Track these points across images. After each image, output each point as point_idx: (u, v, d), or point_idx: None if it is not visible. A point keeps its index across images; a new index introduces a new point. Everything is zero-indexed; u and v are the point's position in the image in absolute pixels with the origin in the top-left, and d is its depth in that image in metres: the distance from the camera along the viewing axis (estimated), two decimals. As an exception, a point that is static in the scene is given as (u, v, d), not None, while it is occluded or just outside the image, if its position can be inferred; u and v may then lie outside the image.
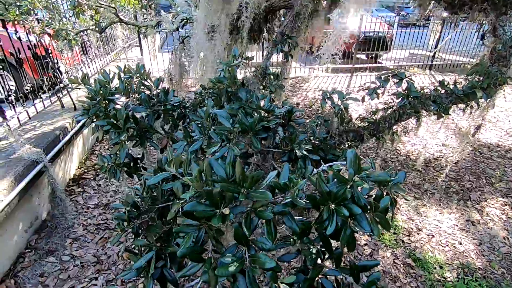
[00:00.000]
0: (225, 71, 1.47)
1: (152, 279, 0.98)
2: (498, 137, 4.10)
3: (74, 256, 2.01)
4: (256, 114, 1.33)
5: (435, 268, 2.04)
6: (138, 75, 1.67)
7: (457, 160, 3.44)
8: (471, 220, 2.50)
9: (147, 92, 1.70)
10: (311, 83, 6.21)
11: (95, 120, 1.51)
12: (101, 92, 1.48)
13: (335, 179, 0.83)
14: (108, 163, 1.50)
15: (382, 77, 2.14)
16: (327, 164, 1.04)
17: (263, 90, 1.97)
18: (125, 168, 1.57)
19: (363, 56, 8.26)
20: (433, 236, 2.33)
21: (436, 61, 7.70)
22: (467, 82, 2.23)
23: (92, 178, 2.86)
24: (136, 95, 1.67)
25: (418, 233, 2.35)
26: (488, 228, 2.42)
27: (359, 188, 0.80)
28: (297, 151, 1.25)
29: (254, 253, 0.74)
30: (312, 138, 1.72)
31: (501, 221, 2.49)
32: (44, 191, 2.30)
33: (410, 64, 7.60)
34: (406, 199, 0.93)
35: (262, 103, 1.47)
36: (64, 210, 2.25)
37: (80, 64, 3.90)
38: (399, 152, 3.65)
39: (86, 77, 1.52)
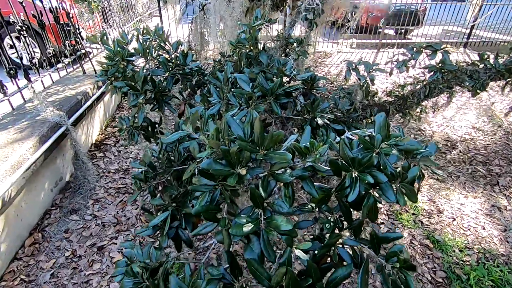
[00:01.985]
0: (246, 33, 1.39)
1: (167, 237, 0.99)
2: (535, 121, 3.80)
3: (95, 216, 2.10)
4: (276, 80, 1.27)
5: (454, 251, 1.97)
6: (156, 37, 1.62)
7: (487, 144, 3.24)
8: (498, 205, 2.37)
9: (166, 55, 1.66)
10: (334, 58, 5.94)
11: (114, 81, 1.50)
12: (120, 52, 1.45)
13: (361, 145, 0.77)
14: (127, 125, 1.51)
15: (414, 48, 1.98)
16: (352, 132, 0.97)
17: (285, 58, 1.88)
18: (143, 132, 1.57)
19: (391, 32, 7.77)
20: (455, 219, 2.24)
21: (472, 38, 7.10)
22: (511, 56, 2.02)
23: (112, 144, 2.93)
24: (154, 59, 1.63)
25: (438, 216, 2.27)
26: (516, 214, 2.29)
27: (386, 156, 0.74)
28: (318, 119, 1.19)
29: (270, 216, 0.71)
30: (334, 109, 1.64)
31: (531, 208, 2.36)
32: (67, 154, 2.38)
33: (443, 41, 7.06)
34: (435, 173, 0.86)
35: (283, 68, 1.40)
36: (86, 172, 2.33)
37: (101, 32, 3.89)
38: (424, 132, 3.47)
39: (105, 37, 1.50)
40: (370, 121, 2.08)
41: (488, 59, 1.99)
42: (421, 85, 2.04)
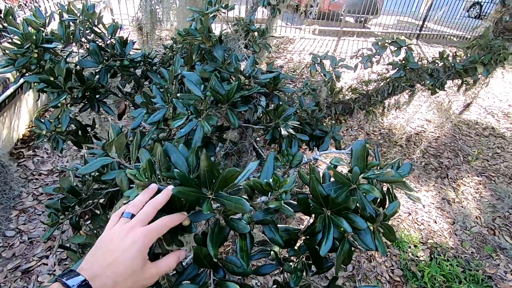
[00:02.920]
0: (197, 22, 1.16)
1: None
2: (477, 114, 4.11)
3: (20, 230, 1.76)
4: (234, 80, 1.07)
5: (409, 247, 2.03)
6: (86, 18, 1.30)
7: (438, 136, 3.41)
8: (447, 198, 2.50)
9: (100, 42, 1.35)
10: (296, 45, 5.82)
11: (26, 74, 1.18)
12: (32, 37, 1.12)
13: (333, 179, 0.63)
14: (48, 130, 1.21)
15: (379, 43, 1.90)
16: (320, 152, 0.84)
17: (245, 49, 1.67)
18: (72, 137, 1.29)
19: (351, 20, 7.85)
20: (410, 214, 2.31)
21: (424, 30, 7.47)
22: (468, 56, 2.05)
23: (45, 140, 2.50)
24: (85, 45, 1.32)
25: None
26: (462, 207, 2.43)
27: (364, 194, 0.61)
28: (282, 129, 1.03)
29: (223, 278, 0.55)
30: (298, 110, 1.50)
31: (475, 200, 2.52)
32: (-19, 155, 1.95)
33: (398, 32, 7.32)
34: (412, 199, 0.76)
35: (242, 65, 1.20)
36: (8, 177, 1.94)
37: (28, 3, 3.26)
38: (382, 124, 3.55)
39: (11, 15, 1.15)
40: (335, 119, 1.99)
41: (447, 58, 1.99)
42: (385, 82, 1.99)
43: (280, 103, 1.18)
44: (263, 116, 1.14)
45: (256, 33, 1.69)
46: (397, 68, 1.89)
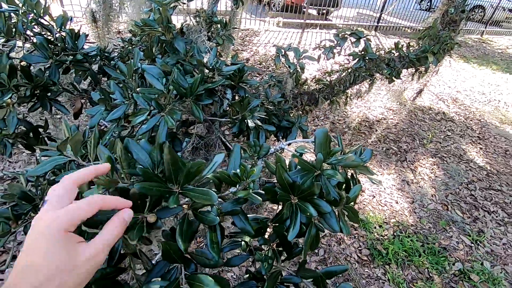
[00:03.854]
0: (155, 12, 1.11)
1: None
2: (430, 100, 4.43)
3: (-31, 245, 1.60)
4: (197, 73, 1.05)
5: (375, 228, 2.16)
6: (29, 9, 1.19)
7: (396, 122, 3.64)
8: (406, 180, 2.69)
9: (49, 35, 1.25)
10: (261, 37, 5.82)
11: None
12: (-34, 29, 1.01)
13: (298, 167, 0.65)
14: (-7, 133, 1.10)
15: (340, 35, 1.97)
16: (287, 142, 0.85)
17: (208, 41, 1.64)
18: (21, 140, 1.18)
19: (314, 12, 8.01)
20: (374, 196, 2.45)
21: (381, 22, 7.84)
22: (420, 46, 2.19)
23: (-8, 145, 2.27)
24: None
25: (361, 195, 2.44)
26: (420, 186, 2.63)
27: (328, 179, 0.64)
28: (249, 120, 1.03)
29: (194, 271, 0.55)
30: (265, 102, 1.51)
31: (430, 179, 2.74)
32: None
33: (357, 24, 7.61)
34: (373, 182, 0.80)
35: (206, 58, 1.18)
36: (-50, 188, 1.75)
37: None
38: (346, 113, 3.70)
39: None
40: (301, 110, 2.04)
41: (402, 48, 2.11)
42: (346, 72, 2.07)
43: (246, 95, 1.19)
44: (229, 109, 1.14)
45: (219, 25, 1.66)
46: (357, 59, 1.98)
